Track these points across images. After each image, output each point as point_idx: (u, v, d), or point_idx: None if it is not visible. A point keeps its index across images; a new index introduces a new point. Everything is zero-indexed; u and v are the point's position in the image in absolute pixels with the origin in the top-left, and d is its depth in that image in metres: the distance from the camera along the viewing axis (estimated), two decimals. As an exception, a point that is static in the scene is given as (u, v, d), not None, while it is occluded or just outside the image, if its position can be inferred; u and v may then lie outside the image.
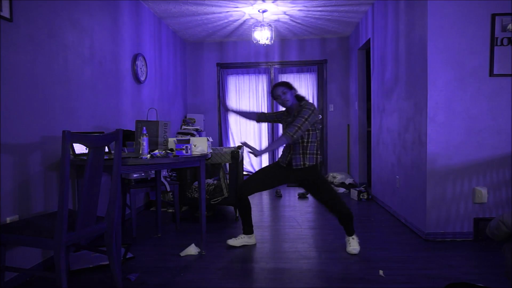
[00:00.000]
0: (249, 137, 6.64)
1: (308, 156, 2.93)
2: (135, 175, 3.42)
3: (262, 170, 3.15)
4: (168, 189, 3.64)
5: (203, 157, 2.92)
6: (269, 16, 5.19)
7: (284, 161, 3.02)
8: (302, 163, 2.92)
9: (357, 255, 2.86)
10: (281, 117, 3.16)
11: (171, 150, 2.92)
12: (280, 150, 3.46)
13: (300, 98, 3.03)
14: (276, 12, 5.03)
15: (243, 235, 3.18)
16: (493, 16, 3.05)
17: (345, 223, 2.99)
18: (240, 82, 6.76)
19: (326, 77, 6.59)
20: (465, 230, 3.18)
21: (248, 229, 3.18)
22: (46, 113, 2.71)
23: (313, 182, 3.00)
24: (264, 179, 3.07)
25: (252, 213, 4.32)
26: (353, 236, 3.00)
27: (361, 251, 2.95)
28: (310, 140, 2.92)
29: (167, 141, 3.05)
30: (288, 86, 3.01)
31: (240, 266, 2.71)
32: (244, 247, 3.12)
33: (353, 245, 2.95)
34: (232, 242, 3.14)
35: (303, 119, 2.81)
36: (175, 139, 2.93)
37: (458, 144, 3.14)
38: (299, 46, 6.57)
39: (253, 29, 4.99)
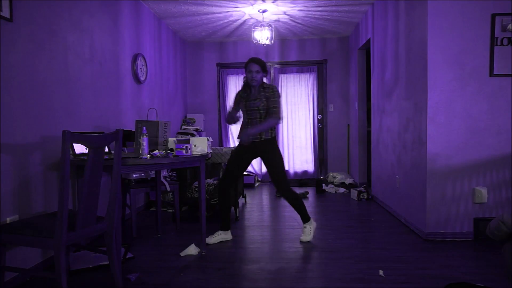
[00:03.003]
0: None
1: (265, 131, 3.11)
2: (135, 175, 3.42)
3: (230, 158, 3.27)
4: (168, 189, 3.63)
5: (203, 157, 2.92)
6: (269, 16, 5.19)
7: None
8: (258, 136, 3.10)
9: (358, 256, 2.87)
10: (241, 97, 3.19)
11: (171, 150, 2.92)
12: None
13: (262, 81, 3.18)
14: (276, 12, 5.03)
15: (220, 232, 3.28)
16: (493, 16, 3.05)
17: (296, 207, 3.23)
18: (240, 82, 6.73)
19: (326, 77, 6.59)
20: (465, 230, 3.18)
21: (226, 225, 3.29)
22: (46, 113, 2.71)
23: (268, 157, 3.16)
24: (238, 164, 3.22)
25: (253, 213, 4.33)
26: (304, 225, 3.25)
27: (361, 251, 2.95)
28: (263, 115, 3.12)
29: (167, 141, 3.05)
30: (264, 68, 3.14)
31: (240, 266, 2.71)
32: (245, 247, 3.12)
33: (306, 231, 3.23)
34: (209, 240, 3.20)
35: (278, 101, 3.12)
36: (175, 139, 2.93)
37: (458, 144, 3.14)
38: (299, 46, 6.57)
39: (253, 29, 4.98)
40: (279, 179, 3.17)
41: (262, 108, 3.11)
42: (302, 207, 3.24)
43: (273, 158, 3.15)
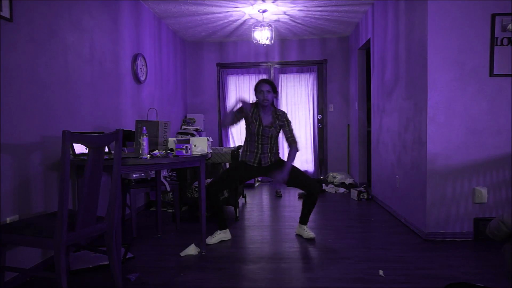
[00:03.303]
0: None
1: (273, 155, 3.28)
2: (135, 175, 3.42)
3: (231, 170, 3.32)
4: (168, 189, 3.64)
5: (203, 157, 2.92)
6: (269, 16, 5.19)
7: (253, 161, 3.25)
8: (269, 161, 3.26)
9: (358, 256, 2.87)
10: (247, 113, 3.18)
11: (171, 150, 2.92)
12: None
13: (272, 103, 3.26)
14: (276, 12, 5.03)
15: (219, 231, 3.29)
16: (493, 16, 3.05)
17: (311, 208, 3.31)
18: (240, 82, 6.75)
19: (326, 77, 6.59)
20: (465, 230, 3.18)
21: (222, 224, 3.30)
22: (46, 113, 2.71)
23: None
24: (234, 178, 3.29)
25: (253, 213, 4.33)
26: (306, 226, 3.36)
27: (361, 251, 2.95)
28: (276, 142, 3.28)
29: (167, 141, 3.05)
30: (274, 88, 3.20)
31: (240, 266, 2.71)
32: (245, 247, 3.12)
33: (308, 231, 3.30)
34: (209, 240, 3.21)
35: (293, 129, 3.30)
36: (175, 139, 2.93)
37: (458, 144, 3.14)
38: (299, 46, 6.57)
39: (253, 29, 4.99)
40: (309, 181, 3.26)
41: (274, 135, 3.24)
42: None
43: (292, 169, 3.19)
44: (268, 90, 3.14)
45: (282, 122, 3.23)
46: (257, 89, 3.17)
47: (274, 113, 3.24)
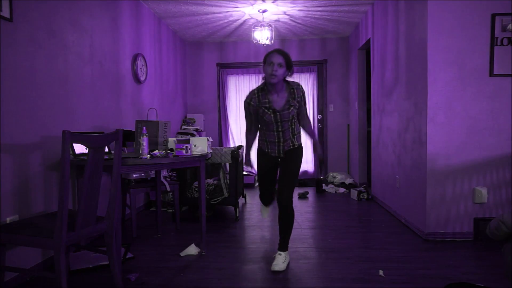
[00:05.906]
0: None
1: (296, 136, 2.79)
2: (135, 175, 3.42)
3: (263, 171, 2.84)
4: (168, 189, 3.63)
5: (203, 157, 2.92)
6: (269, 16, 5.19)
7: (276, 152, 2.74)
8: (292, 144, 2.74)
9: (356, 257, 2.86)
10: (259, 102, 2.62)
11: (171, 150, 2.92)
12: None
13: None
14: (276, 12, 5.03)
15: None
16: (493, 16, 3.05)
17: (289, 226, 2.71)
18: (240, 82, 6.75)
19: (326, 77, 6.58)
20: (465, 230, 3.18)
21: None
22: (46, 113, 2.71)
23: (291, 160, 2.75)
24: (271, 176, 2.85)
25: (252, 213, 4.32)
26: (280, 252, 2.68)
27: (361, 251, 2.95)
28: (295, 121, 2.74)
29: (167, 141, 3.05)
30: (289, 64, 2.56)
31: (240, 266, 2.71)
32: (245, 247, 3.12)
33: (280, 260, 2.62)
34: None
35: (305, 105, 2.75)
36: (175, 139, 2.92)
37: (458, 144, 3.14)
38: (299, 46, 6.57)
39: (253, 29, 4.98)
40: (290, 184, 2.72)
41: (295, 115, 2.68)
42: (291, 231, 2.77)
43: (296, 162, 2.79)
44: (280, 63, 2.48)
45: (300, 98, 2.62)
46: (267, 60, 2.52)
47: (288, 87, 2.61)
